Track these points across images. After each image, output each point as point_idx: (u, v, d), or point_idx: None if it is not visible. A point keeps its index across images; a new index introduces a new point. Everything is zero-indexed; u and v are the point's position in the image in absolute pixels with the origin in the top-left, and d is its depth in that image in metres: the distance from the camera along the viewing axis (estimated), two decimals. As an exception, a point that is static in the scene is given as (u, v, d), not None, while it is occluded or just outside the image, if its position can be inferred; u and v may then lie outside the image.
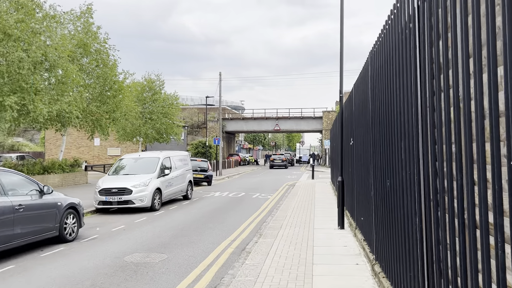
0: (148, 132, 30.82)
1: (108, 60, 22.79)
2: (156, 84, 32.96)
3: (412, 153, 3.79)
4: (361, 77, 7.81)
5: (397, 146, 4.41)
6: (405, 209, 4.18)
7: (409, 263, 4.05)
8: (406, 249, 4.17)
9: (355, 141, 8.95)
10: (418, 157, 3.57)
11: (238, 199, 17.26)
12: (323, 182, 25.57)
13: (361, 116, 7.82)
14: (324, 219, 11.59)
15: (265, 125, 56.53)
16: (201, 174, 23.54)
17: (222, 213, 13.41)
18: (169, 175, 15.05)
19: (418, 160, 3.59)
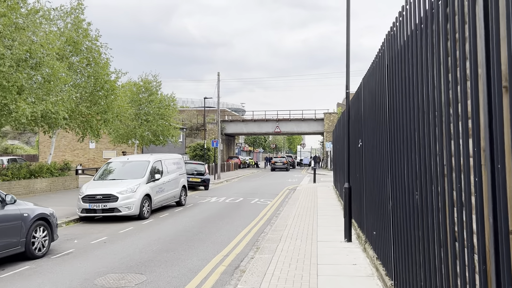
0: (144, 134, 29.72)
1: (100, 59, 21.72)
2: (152, 85, 31.88)
3: (463, 158, 2.68)
4: (373, 68, 6.70)
5: (434, 148, 3.30)
6: (443, 232, 3.08)
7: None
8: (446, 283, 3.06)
9: (365, 143, 7.84)
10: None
11: (235, 205, 16.14)
12: (325, 186, 24.44)
13: (373, 114, 6.71)
14: (328, 229, 10.46)
15: (265, 127, 55.42)
16: (197, 178, 22.42)
17: (217, 221, 12.29)
18: (160, 180, 13.94)
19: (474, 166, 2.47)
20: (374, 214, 6.78)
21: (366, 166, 7.73)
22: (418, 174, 3.76)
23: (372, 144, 6.97)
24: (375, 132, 6.57)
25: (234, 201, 17.64)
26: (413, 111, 3.94)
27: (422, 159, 3.65)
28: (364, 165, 8.08)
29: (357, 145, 8.96)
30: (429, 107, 3.41)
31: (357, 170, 9.14)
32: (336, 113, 55.10)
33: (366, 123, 7.70)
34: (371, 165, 7.18)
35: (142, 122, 29.99)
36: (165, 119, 30.98)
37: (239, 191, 22.32)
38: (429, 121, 3.41)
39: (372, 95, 6.92)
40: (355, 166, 9.33)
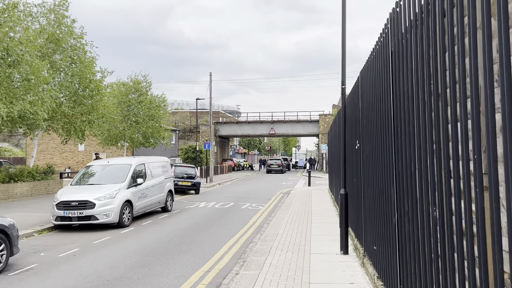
0: (133, 136, 28.73)
1: (85, 57, 20.77)
2: (142, 86, 30.92)
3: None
4: (374, 57, 5.84)
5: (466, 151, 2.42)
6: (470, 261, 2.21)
7: None
8: None
9: (363, 145, 6.97)
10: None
11: (225, 211, 15.22)
12: (320, 189, 23.57)
13: (373, 111, 5.85)
14: (323, 238, 9.58)
15: (260, 129, 54.53)
16: (187, 182, 21.47)
17: (202, 230, 11.38)
18: (142, 184, 13.00)
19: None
20: (375, 226, 5.91)
21: (365, 170, 6.87)
22: (438, 184, 2.88)
23: (372, 145, 6.11)
24: (375, 132, 5.71)
25: (224, 206, 16.72)
26: (431, 104, 3.06)
27: (441, 166, 2.77)
28: (362, 169, 7.22)
29: (354, 147, 8.09)
30: (456, 95, 2.53)
31: (354, 174, 8.27)
32: (331, 114, 54.29)
33: (364, 122, 6.84)
34: (370, 169, 6.32)
35: (131, 124, 29.01)
36: (156, 120, 30.02)
37: (230, 195, 21.40)
38: (460, 114, 2.53)
39: (372, 89, 6.06)
40: (352, 170, 8.46)
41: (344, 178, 8.01)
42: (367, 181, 6.69)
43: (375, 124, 5.77)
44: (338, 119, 13.02)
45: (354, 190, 8.29)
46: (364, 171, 6.92)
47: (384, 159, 5.07)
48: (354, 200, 8.27)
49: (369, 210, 6.51)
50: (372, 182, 6.16)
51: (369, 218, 6.51)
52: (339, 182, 13.43)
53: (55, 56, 19.80)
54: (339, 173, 13.29)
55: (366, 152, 6.75)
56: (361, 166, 7.29)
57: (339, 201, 8.18)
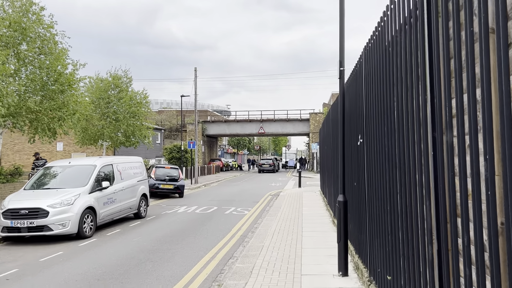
0: (112, 135, 26.93)
1: (56, 48, 18.95)
2: (123, 81, 29.14)
3: None
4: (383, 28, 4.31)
5: None
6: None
7: None
8: None
9: (368, 140, 5.45)
10: None
11: (206, 217, 13.61)
12: (312, 191, 22.08)
13: (382, 96, 4.33)
14: (316, 252, 8.05)
15: (249, 128, 52.94)
16: (170, 185, 19.73)
17: (176, 241, 9.77)
18: (109, 188, 11.34)
19: None
20: (386, 243, 4.38)
21: (370, 172, 5.35)
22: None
23: (380, 141, 4.60)
24: (387, 124, 4.20)
25: (206, 211, 15.10)
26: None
27: None
28: (365, 170, 5.70)
29: (355, 144, 6.57)
30: None
31: (354, 177, 6.75)
32: (322, 113, 52.90)
33: (370, 113, 5.32)
34: (377, 171, 4.81)
35: (110, 121, 27.21)
36: (137, 118, 28.26)
37: (215, 198, 19.79)
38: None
39: (380, 69, 4.54)
40: (352, 171, 6.94)
41: (343, 182, 6.46)
42: (373, 185, 5.18)
43: (384, 112, 4.26)
44: (332, 114, 11.51)
45: (355, 196, 6.77)
46: (370, 173, 5.41)
47: (394, 156, 3.55)
48: (355, 209, 6.74)
49: (377, 223, 4.99)
50: (380, 186, 4.65)
51: (377, 233, 5.00)
52: (332, 184, 11.93)
53: (21, 46, 17.98)
54: (332, 174, 11.80)
55: (371, 149, 5.24)
56: (365, 167, 5.77)
57: (336, 209, 6.63)
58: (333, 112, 11.00)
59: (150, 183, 19.31)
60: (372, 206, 5.33)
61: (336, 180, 10.68)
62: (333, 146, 11.44)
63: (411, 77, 3.42)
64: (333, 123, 11.03)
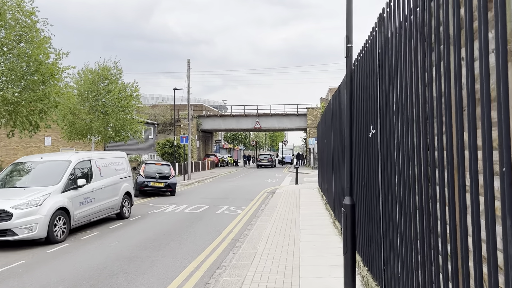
0: (101, 129, 25.74)
1: (38, 36, 17.73)
2: (112, 73, 27.91)
3: None
4: None
5: None
6: None
7: None
8: None
9: (385, 130, 4.37)
10: None
11: (195, 218, 12.52)
12: (309, 188, 21.03)
13: (411, 77, 3.24)
14: (316, 261, 6.98)
15: (244, 123, 51.77)
16: (160, 183, 18.51)
17: (158, 247, 8.67)
18: (86, 186, 10.22)
19: None
20: (419, 265, 3.30)
21: (388, 169, 4.27)
22: None
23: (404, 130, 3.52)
24: (417, 106, 3.11)
25: (196, 210, 14.01)
26: None
27: None
28: (379, 167, 4.62)
29: (364, 136, 5.48)
30: None
31: (363, 175, 5.67)
32: (319, 107, 51.81)
33: (386, 96, 4.24)
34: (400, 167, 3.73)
35: (98, 115, 26.01)
36: (127, 111, 27.07)
37: (207, 196, 18.70)
38: None
39: (406, 39, 3.44)
40: (360, 169, 5.85)
41: (350, 182, 5.37)
42: (391, 186, 4.10)
43: (417, 96, 3.17)
44: (334, 104, 10.42)
45: (363, 198, 5.69)
46: (387, 171, 4.32)
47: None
48: (364, 213, 5.67)
49: (398, 232, 3.92)
50: (405, 188, 3.58)
51: (398, 244, 3.94)
52: (333, 181, 10.87)
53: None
54: (333, 170, 10.73)
55: (389, 142, 4.16)
56: (379, 164, 4.69)
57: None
58: (335, 102, 9.91)
59: (139, 181, 18.21)
60: (390, 211, 4.25)
61: (337, 177, 9.61)
62: (334, 140, 10.36)
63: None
64: (335, 114, 9.94)
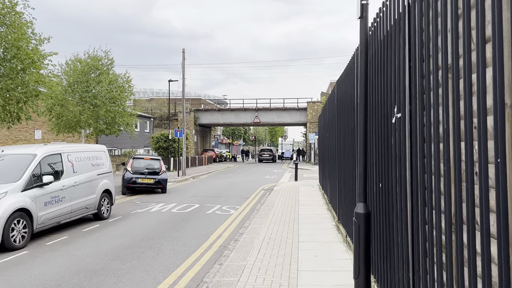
0: (90, 121, 24.41)
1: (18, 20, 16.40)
2: (103, 63, 26.55)
3: None
4: None
5: None
6: None
7: None
8: None
9: (419, 111, 3.06)
10: None
11: (182, 219, 11.25)
12: (309, 185, 19.75)
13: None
14: (318, 279, 5.70)
15: (243, 117, 50.42)
16: (149, 179, 17.19)
17: (131, 255, 7.39)
18: (54, 184, 8.92)
19: None
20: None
21: (425, 164, 2.97)
22: None
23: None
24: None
25: (185, 210, 12.73)
26: None
27: None
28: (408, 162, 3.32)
29: (384, 122, 4.17)
30: None
31: (380, 174, 4.36)
32: (320, 102, 50.42)
33: (425, 57, 2.93)
34: (446, 161, 2.43)
35: (87, 107, 24.67)
36: (118, 104, 25.74)
37: (200, 193, 17.42)
38: None
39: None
40: (377, 166, 4.54)
41: (364, 183, 4.07)
42: (431, 189, 2.81)
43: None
44: (338, 91, 9.10)
45: (379, 204, 4.39)
46: (421, 168, 3.03)
47: None
48: (381, 225, 4.37)
49: (440, 264, 2.63)
50: (455, 193, 2.28)
51: (439, 279, 2.64)
52: (336, 178, 9.58)
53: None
54: (336, 166, 9.44)
55: (427, 127, 2.86)
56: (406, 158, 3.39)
57: (353, 226, 4.23)
58: (340, 89, 8.59)
59: (126, 177, 16.95)
60: (427, 229, 2.96)
61: (342, 175, 8.32)
62: (338, 133, 9.06)
63: None
64: (340, 103, 8.64)
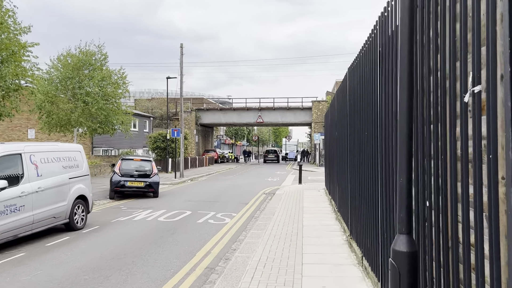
0: (81, 119, 23.00)
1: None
2: (96, 59, 25.15)
3: None
4: None
5: None
6: None
7: None
8: None
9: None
10: None
11: (168, 230, 9.75)
12: (314, 188, 18.21)
13: None
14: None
15: (246, 117, 48.91)
16: (139, 182, 15.66)
17: (93, 282, 5.88)
18: (8, 190, 7.44)
19: None
20: None
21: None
22: None
23: None
24: None
25: (174, 218, 11.24)
26: None
27: None
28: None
29: (439, 105, 2.62)
30: None
31: (432, 187, 2.81)
32: (325, 101, 48.80)
33: None
34: None
35: (79, 105, 23.26)
36: (111, 101, 24.32)
37: (194, 198, 15.94)
38: None
39: None
40: (425, 174, 2.99)
41: (408, 204, 2.52)
42: None
43: None
44: (356, 73, 7.59)
45: (428, 236, 2.84)
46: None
47: None
48: (430, 268, 2.82)
49: None
50: None
51: None
52: (347, 183, 8.07)
53: None
54: (347, 169, 7.92)
55: None
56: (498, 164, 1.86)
57: (389, 272, 2.66)
58: (354, 76, 7.07)
59: (114, 180, 15.49)
60: None
61: (357, 181, 6.79)
62: (351, 130, 7.52)
63: None
64: (353, 93, 7.11)
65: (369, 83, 5.49)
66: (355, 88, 6.94)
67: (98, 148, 31.75)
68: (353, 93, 7.19)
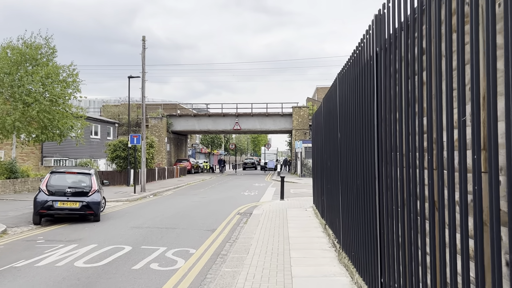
0: (17, 124, 19.06)
1: None
2: (42, 53, 21.32)
3: None
4: None
5: None
6: None
7: None
8: None
9: None
10: None
11: (79, 287, 6.12)
12: (300, 206, 14.82)
13: None
14: None
15: (222, 124, 45.38)
16: (74, 202, 11.83)
17: None
18: None
19: None
20: None
21: None
22: None
23: None
24: None
25: (99, 261, 7.58)
26: None
27: None
28: None
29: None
30: None
31: None
32: (307, 107, 45.83)
33: None
34: None
35: (18, 107, 19.33)
36: (59, 103, 20.47)
37: (146, 222, 12.28)
38: None
39: None
40: None
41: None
42: None
43: None
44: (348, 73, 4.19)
45: None
46: None
47: None
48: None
49: None
50: None
51: None
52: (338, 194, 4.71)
53: None
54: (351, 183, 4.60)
55: None
56: None
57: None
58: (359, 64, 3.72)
59: (39, 200, 11.76)
60: None
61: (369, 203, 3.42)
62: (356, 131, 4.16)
63: None
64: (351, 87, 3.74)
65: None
66: (354, 79, 3.60)
67: (49, 158, 27.59)
68: (350, 85, 3.85)
